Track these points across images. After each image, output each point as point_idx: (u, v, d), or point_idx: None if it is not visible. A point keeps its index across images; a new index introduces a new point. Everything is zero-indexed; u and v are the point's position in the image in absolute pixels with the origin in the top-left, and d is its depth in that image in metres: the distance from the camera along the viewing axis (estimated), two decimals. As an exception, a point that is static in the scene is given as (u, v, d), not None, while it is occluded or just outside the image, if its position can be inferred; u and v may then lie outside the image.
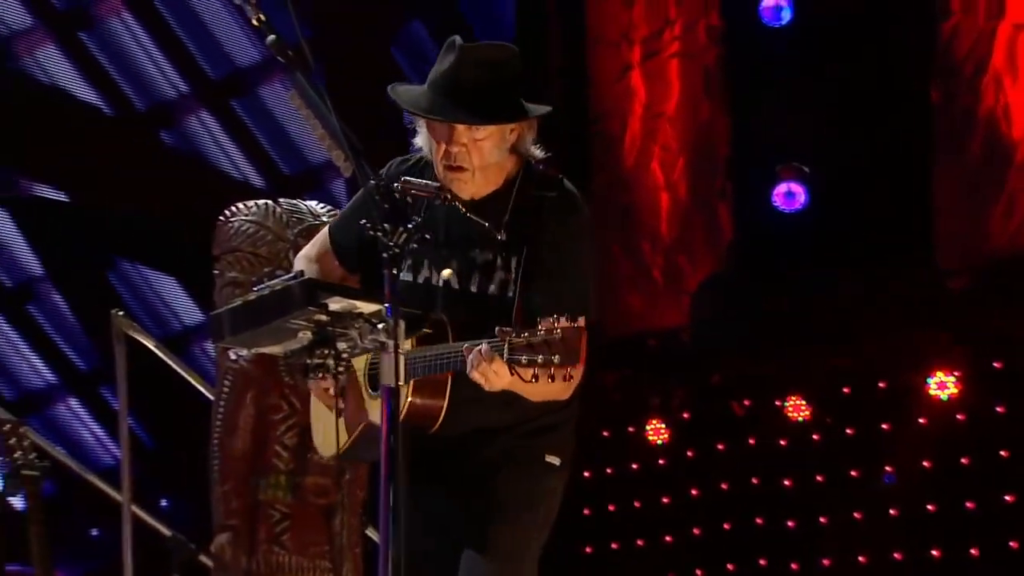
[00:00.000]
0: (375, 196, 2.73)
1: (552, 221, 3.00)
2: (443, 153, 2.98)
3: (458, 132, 2.97)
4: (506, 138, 3.00)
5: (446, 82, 2.97)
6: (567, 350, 2.71)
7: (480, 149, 2.98)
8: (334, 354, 2.80)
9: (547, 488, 3.10)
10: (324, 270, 3.15)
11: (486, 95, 2.96)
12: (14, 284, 6.98)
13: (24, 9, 6.45)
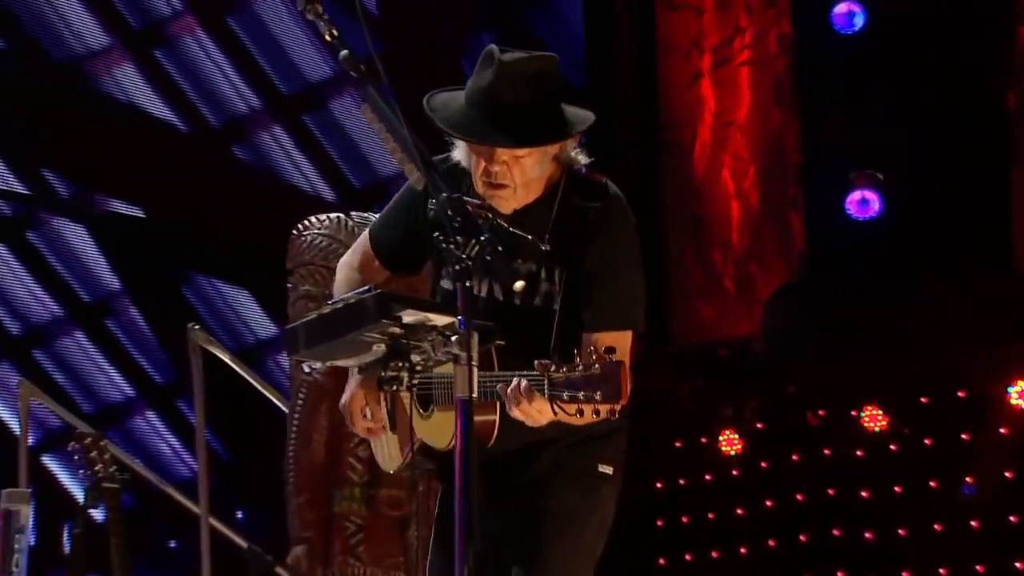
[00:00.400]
0: (447, 210, 2.73)
1: (598, 230, 2.94)
2: (483, 171, 2.93)
3: (498, 151, 2.91)
4: (547, 152, 2.94)
5: (485, 100, 2.90)
6: (608, 386, 2.66)
7: (522, 166, 2.92)
8: (408, 367, 2.81)
9: (601, 498, 3.06)
10: (368, 277, 3.11)
11: (528, 114, 2.89)
12: (92, 299, 7.07)
13: (102, 29, 6.56)
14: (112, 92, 6.67)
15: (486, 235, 2.69)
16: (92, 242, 6.88)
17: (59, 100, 6.48)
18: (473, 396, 2.66)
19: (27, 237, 6.71)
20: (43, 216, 6.71)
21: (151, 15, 6.72)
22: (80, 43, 6.53)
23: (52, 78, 6.49)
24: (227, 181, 7.07)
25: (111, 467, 3.90)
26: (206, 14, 6.83)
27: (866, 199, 6.61)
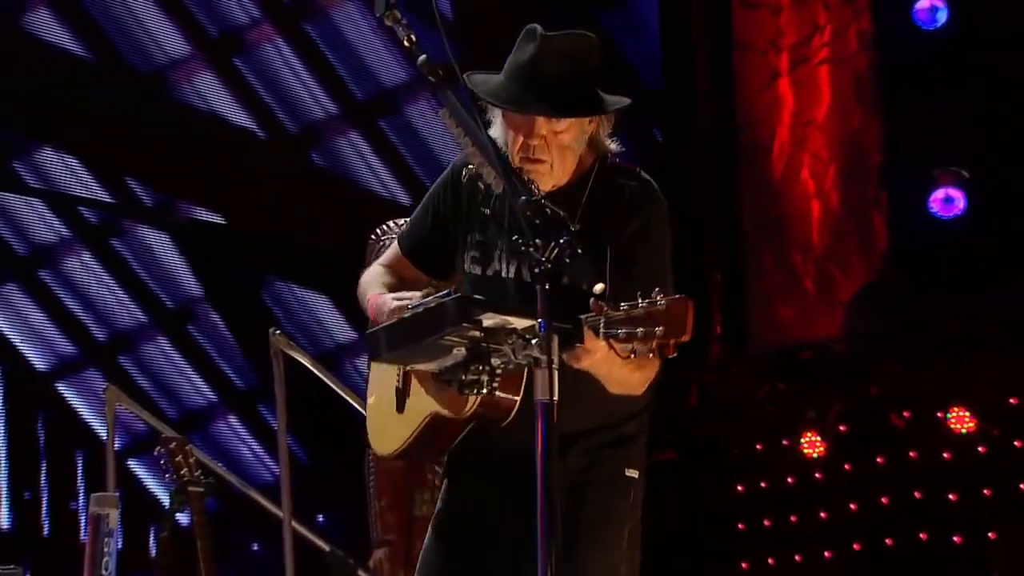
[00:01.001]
0: (526, 212, 2.73)
1: (634, 209, 2.97)
2: (520, 145, 2.94)
3: (538, 124, 2.92)
4: (585, 130, 2.96)
5: (526, 73, 2.93)
6: (672, 321, 2.61)
7: (559, 141, 2.94)
8: (488, 370, 2.81)
9: (632, 504, 3.03)
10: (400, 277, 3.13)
11: (568, 87, 2.91)
12: (175, 305, 7.16)
13: (182, 39, 6.65)
14: (192, 101, 6.75)
15: (565, 237, 2.69)
16: (174, 249, 6.97)
17: (142, 109, 6.57)
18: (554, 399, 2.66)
19: (112, 245, 6.81)
20: (127, 224, 6.81)
21: (230, 23, 6.79)
22: (161, 53, 6.62)
23: (135, 88, 6.59)
24: (305, 187, 7.12)
25: (196, 471, 3.94)
26: (283, 21, 6.89)
27: (950, 197, 6.51)
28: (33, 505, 6.25)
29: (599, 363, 2.74)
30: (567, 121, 2.93)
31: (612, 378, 2.85)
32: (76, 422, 6.56)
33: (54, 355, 6.64)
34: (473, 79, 2.99)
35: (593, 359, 2.73)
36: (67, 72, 6.34)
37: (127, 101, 6.54)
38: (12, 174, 6.37)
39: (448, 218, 3.10)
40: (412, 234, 3.19)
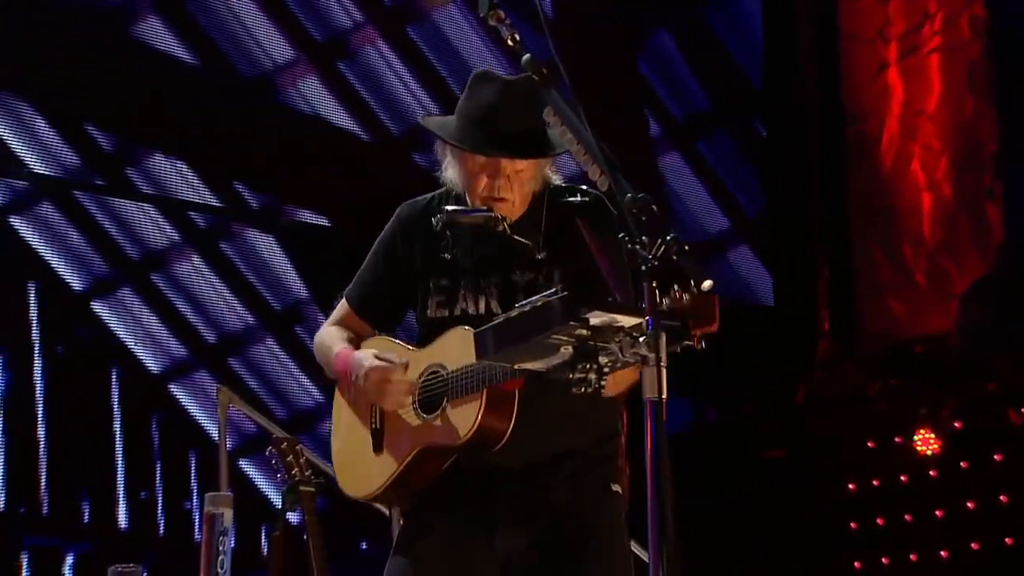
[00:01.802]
0: (632, 210, 2.71)
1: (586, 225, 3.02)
2: (485, 185, 3.06)
3: (502, 165, 3.05)
4: (541, 166, 3.10)
5: (489, 117, 3.06)
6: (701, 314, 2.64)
7: (521, 179, 3.07)
8: (596, 368, 2.79)
9: (623, 519, 3.06)
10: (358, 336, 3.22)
11: (529, 130, 3.05)
12: (282, 307, 7.25)
13: (288, 44, 6.74)
14: (297, 104, 6.83)
15: (672, 234, 2.67)
16: (281, 251, 7.05)
17: (249, 114, 6.67)
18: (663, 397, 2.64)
19: (220, 248, 6.92)
20: (235, 227, 6.91)
21: (334, 27, 6.86)
22: (267, 58, 6.71)
23: (242, 93, 6.68)
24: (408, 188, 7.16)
25: (306, 471, 3.98)
26: (387, 24, 6.94)
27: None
28: (149, 505, 6.38)
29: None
30: (528, 161, 3.06)
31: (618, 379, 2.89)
32: (188, 423, 6.67)
33: (167, 357, 6.76)
34: (430, 122, 3.20)
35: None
36: (177, 79, 6.46)
37: (235, 106, 6.64)
38: (125, 181, 6.50)
39: (402, 268, 3.19)
40: (361, 288, 3.28)
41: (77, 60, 6.15)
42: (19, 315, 6.21)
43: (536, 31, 2.88)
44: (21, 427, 6.07)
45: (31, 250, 6.34)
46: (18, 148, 6.23)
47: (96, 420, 6.33)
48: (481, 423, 2.96)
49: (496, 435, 2.98)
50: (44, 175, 6.28)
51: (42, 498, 6.09)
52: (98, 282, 6.63)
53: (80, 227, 6.53)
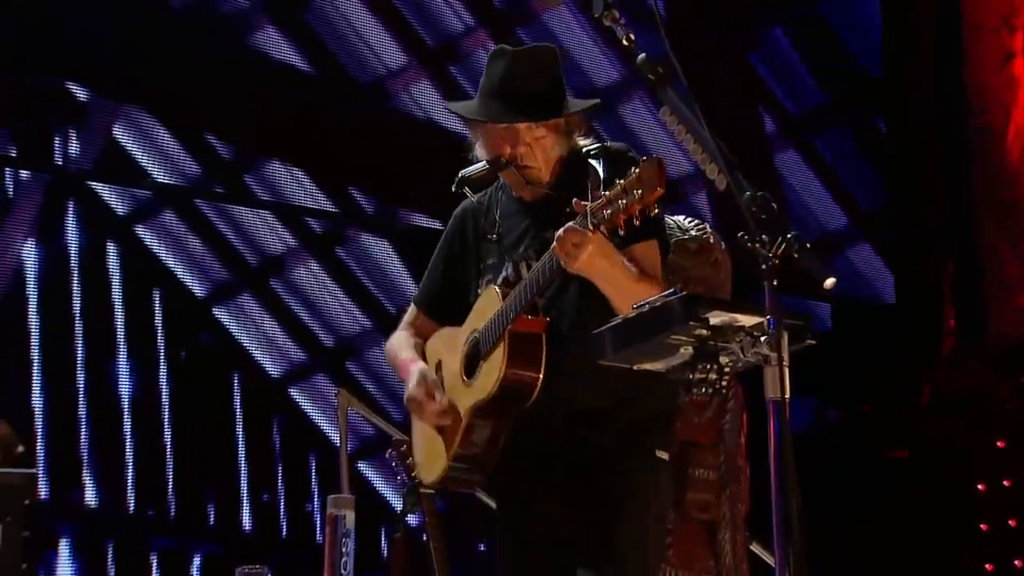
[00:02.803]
0: (752, 208, 2.69)
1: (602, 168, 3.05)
2: (509, 155, 3.15)
3: (521, 134, 3.15)
4: (562, 131, 3.18)
5: (503, 88, 3.17)
6: (645, 181, 2.78)
7: (543, 145, 3.16)
8: (716, 368, 2.78)
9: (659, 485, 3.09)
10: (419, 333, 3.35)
11: (541, 94, 3.14)
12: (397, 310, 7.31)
13: (400, 49, 6.80)
14: (410, 109, 6.89)
15: (792, 232, 2.65)
16: (396, 255, 7.11)
17: (363, 120, 6.74)
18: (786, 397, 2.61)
19: (336, 253, 7.00)
20: (351, 232, 6.99)
21: (445, 32, 6.91)
22: (380, 64, 6.78)
23: (356, 99, 6.76)
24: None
25: (426, 473, 4.00)
26: (497, 27, 6.97)
27: None
28: (271, 507, 6.48)
29: (595, 259, 2.89)
30: (546, 127, 3.15)
31: (614, 283, 2.97)
32: (308, 426, 6.76)
33: (286, 361, 6.85)
34: (452, 106, 3.33)
35: (587, 252, 2.88)
36: (292, 87, 6.56)
37: (348, 112, 6.72)
38: (243, 188, 6.62)
39: (460, 263, 3.30)
40: (427, 289, 3.40)
41: (196, 71, 6.28)
42: (145, 322, 6.35)
43: (650, 30, 2.87)
44: (148, 432, 6.21)
45: (155, 258, 6.48)
46: (142, 159, 6.38)
47: (219, 424, 6.45)
48: (507, 368, 3.01)
49: (527, 383, 3.03)
50: (166, 184, 6.43)
51: (169, 501, 6.22)
52: (219, 288, 6.75)
53: (201, 234, 6.66)
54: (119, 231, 6.39)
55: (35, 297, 6.08)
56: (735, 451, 3.84)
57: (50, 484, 5.96)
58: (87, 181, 6.31)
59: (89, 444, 6.10)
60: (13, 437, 3.69)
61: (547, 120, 3.15)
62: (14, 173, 6.16)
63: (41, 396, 6.00)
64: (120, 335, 6.28)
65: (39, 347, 6.05)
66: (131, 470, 6.15)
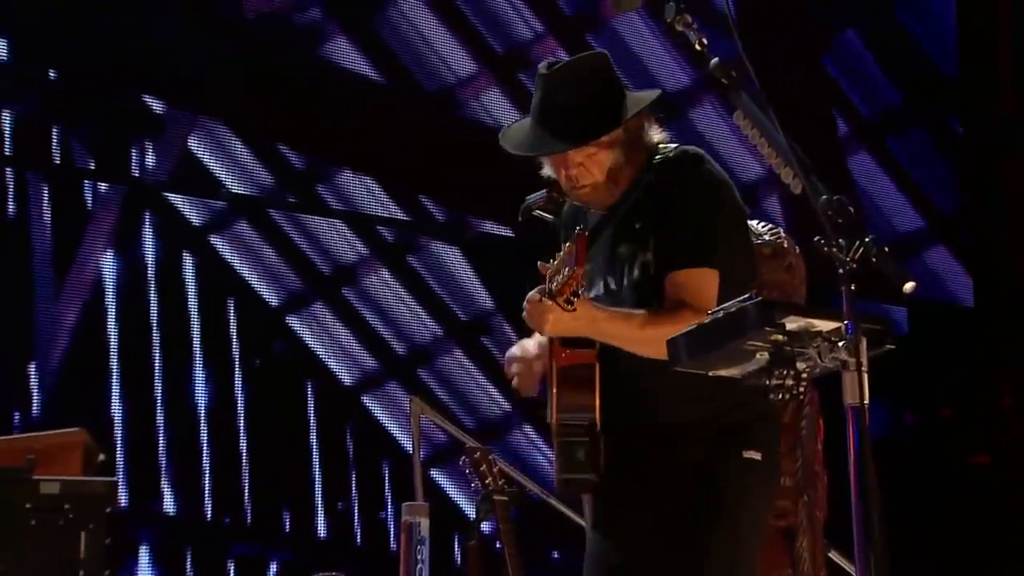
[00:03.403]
0: (828, 212, 2.66)
1: (664, 182, 2.99)
2: (564, 178, 3.07)
3: (569, 156, 3.03)
4: (619, 141, 3.03)
5: (539, 113, 3.07)
6: (566, 260, 2.74)
7: (597, 161, 3.03)
8: (793, 374, 2.75)
9: (747, 487, 2.99)
10: None
11: (576, 113, 3.01)
12: (469, 318, 7.33)
13: (469, 57, 6.82)
14: (480, 117, 6.90)
15: (870, 236, 2.62)
16: (467, 263, 7.13)
17: (433, 128, 6.77)
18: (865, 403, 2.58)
19: (408, 261, 7.03)
20: (422, 240, 7.02)
21: (514, 40, 6.92)
22: (450, 72, 6.80)
23: (426, 108, 6.79)
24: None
25: (500, 480, 4.01)
26: (567, 34, 6.97)
27: None
28: (345, 515, 6.51)
29: (565, 324, 2.85)
30: (595, 144, 3.01)
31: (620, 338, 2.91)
32: (380, 433, 6.79)
33: (358, 369, 6.89)
34: (505, 132, 3.20)
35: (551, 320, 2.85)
36: (363, 96, 6.60)
37: (419, 121, 6.75)
38: (316, 197, 6.67)
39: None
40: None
41: (269, 82, 6.34)
42: (220, 331, 6.42)
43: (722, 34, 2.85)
44: (224, 440, 6.27)
45: (229, 267, 6.55)
46: (216, 169, 6.46)
47: (293, 432, 6.50)
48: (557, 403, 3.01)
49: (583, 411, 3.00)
50: (240, 194, 6.49)
51: (246, 508, 6.28)
52: (292, 297, 6.81)
53: (274, 244, 6.72)
54: (194, 241, 6.47)
55: (113, 307, 6.17)
56: (812, 457, 3.81)
57: (129, 492, 6.04)
58: (163, 192, 6.39)
59: (167, 452, 6.17)
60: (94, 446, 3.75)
61: (583, 143, 3.03)
62: (93, 185, 6.26)
63: (120, 405, 6.08)
64: (196, 344, 6.35)
65: (117, 356, 6.14)
66: (208, 478, 6.22)
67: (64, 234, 6.13)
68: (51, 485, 3.40)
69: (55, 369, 6.03)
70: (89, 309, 6.11)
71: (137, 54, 6.11)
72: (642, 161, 3.08)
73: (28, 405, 5.97)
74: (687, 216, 3.00)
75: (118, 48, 6.07)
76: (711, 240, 2.99)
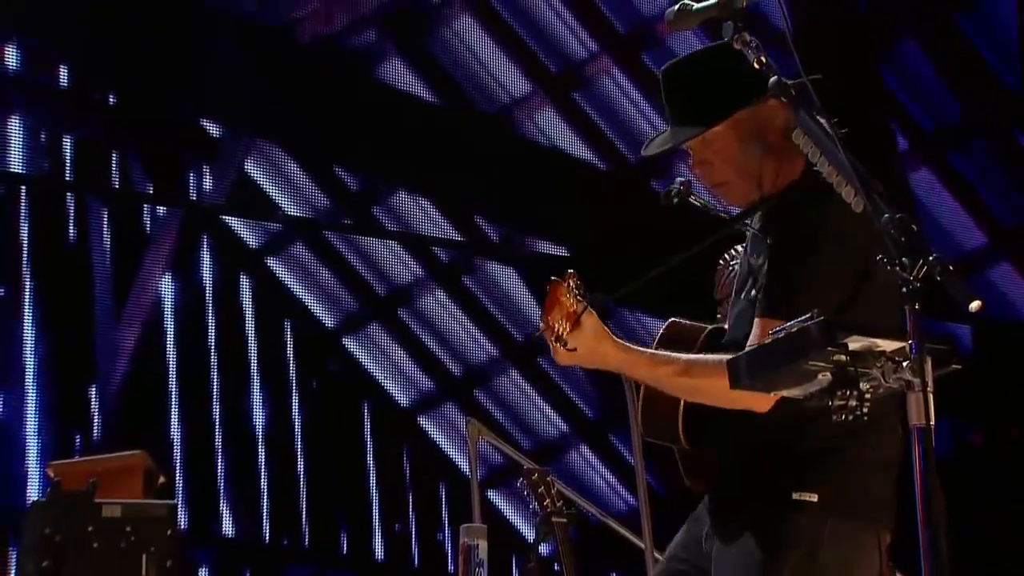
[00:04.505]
0: (891, 231, 2.61)
1: (778, 213, 2.86)
2: (699, 176, 2.94)
3: (694, 153, 2.89)
4: (742, 136, 2.86)
5: (668, 109, 2.93)
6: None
7: (724, 156, 2.87)
8: (857, 395, 2.70)
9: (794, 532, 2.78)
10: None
11: (684, 110, 2.86)
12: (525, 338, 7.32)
13: (524, 77, 6.82)
14: (535, 137, 6.90)
15: (934, 254, 2.57)
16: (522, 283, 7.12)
17: (488, 148, 6.78)
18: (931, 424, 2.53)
19: (463, 281, 7.03)
20: (477, 261, 7.02)
21: (569, 59, 6.92)
22: (504, 92, 6.81)
23: (481, 128, 6.80)
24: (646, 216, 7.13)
25: (558, 502, 3.99)
26: (622, 53, 6.95)
27: None
28: (403, 536, 6.51)
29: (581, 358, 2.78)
30: (719, 138, 2.85)
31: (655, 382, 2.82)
32: (437, 454, 6.78)
33: (415, 390, 6.90)
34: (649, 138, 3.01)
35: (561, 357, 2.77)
36: (418, 117, 6.62)
37: (474, 141, 6.76)
38: (371, 219, 6.70)
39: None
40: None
41: (325, 104, 6.38)
42: (276, 352, 6.44)
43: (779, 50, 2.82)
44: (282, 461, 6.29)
45: (286, 289, 6.58)
46: (272, 192, 6.50)
47: (350, 453, 6.51)
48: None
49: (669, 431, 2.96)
50: (296, 216, 6.53)
51: (303, 529, 6.29)
52: (348, 318, 6.83)
53: (330, 265, 6.75)
54: (251, 263, 6.50)
55: (172, 330, 6.21)
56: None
57: (188, 514, 6.07)
58: (220, 215, 6.44)
59: (225, 474, 6.20)
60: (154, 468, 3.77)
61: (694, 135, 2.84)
62: (151, 209, 6.32)
63: (179, 427, 6.11)
64: (253, 366, 6.38)
65: (176, 378, 6.17)
66: (265, 499, 6.23)
67: (123, 258, 6.18)
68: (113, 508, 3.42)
69: (115, 392, 6.08)
70: (148, 332, 6.16)
71: (194, 78, 6.16)
72: (799, 168, 2.88)
73: (89, 428, 6.01)
74: (777, 262, 2.84)
75: (175, 72, 6.12)
76: (789, 289, 2.84)
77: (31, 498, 5.27)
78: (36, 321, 5.88)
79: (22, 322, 5.86)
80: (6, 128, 5.83)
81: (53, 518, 3.40)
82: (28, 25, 5.91)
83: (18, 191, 5.97)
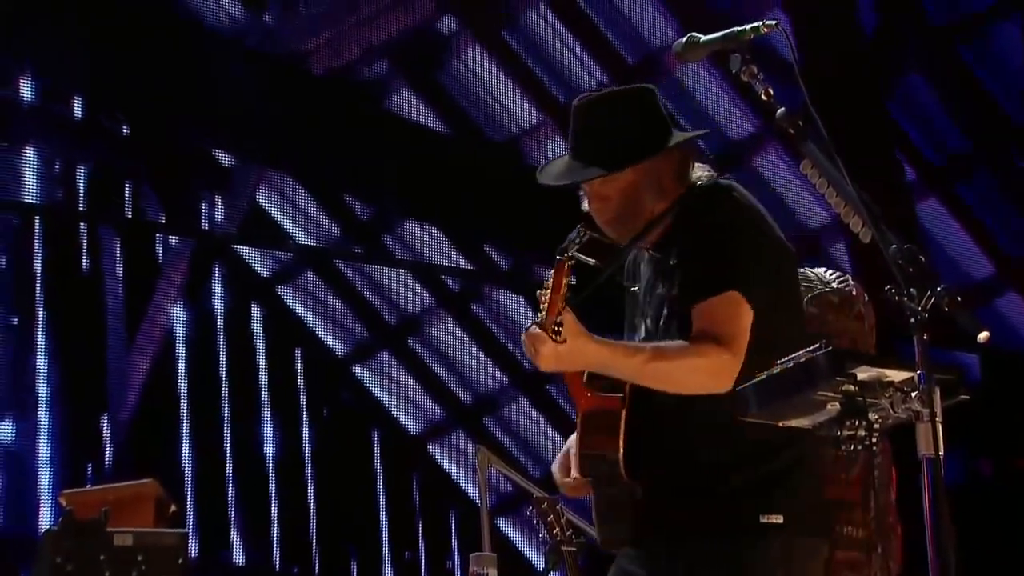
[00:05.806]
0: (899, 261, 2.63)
1: (689, 213, 2.85)
2: (592, 210, 2.94)
3: (594, 189, 2.90)
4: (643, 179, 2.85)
5: (571, 144, 2.93)
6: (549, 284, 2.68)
7: (622, 196, 2.88)
8: (865, 425, 2.71)
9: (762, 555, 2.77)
10: None
11: (597, 146, 2.87)
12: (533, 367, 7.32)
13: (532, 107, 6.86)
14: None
15: (942, 285, 2.58)
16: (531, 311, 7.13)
17: (497, 178, 6.81)
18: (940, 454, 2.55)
19: (473, 310, 7.06)
20: (486, 289, 7.04)
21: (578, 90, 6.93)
22: (513, 122, 6.85)
23: (490, 158, 6.84)
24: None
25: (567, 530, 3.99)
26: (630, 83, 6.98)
27: None
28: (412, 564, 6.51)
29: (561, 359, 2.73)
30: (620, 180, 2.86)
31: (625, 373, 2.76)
32: (446, 482, 6.80)
33: (424, 418, 6.91)
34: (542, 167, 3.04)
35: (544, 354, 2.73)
36: (428, 148, 6.67)
37: (483, 171, 6.80)
38: (381, 247, 6.73)
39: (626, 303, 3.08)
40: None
41: (336, 134, 6.42)
42: (287, 381, 6.47)
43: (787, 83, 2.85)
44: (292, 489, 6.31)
45: (296, 317, 6.62)
46: (283, 221, 6.54)
47: (360, 481, 6.52)
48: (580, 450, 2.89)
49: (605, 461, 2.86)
50: (307, 245, 6.56)
51: (314, 557, 6.30)
52: (358, 347, 6.85)
53: (340, 294, 6.78)
54: (262, 292, 6.54)
55: (183, 359, 6.24)
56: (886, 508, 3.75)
57: (199, 542, 6.08)
58: (231, 244, 6.48)
59: (236, 502, 6.21)
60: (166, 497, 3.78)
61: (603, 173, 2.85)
62: (163, 238, 6.36)
63: (190, 455, 6.13)
64: (264, 394, 6.41)
65: (187, 407, 6.20)
66: (276, 527, 6.25)
67: (135, 287, 6.22)
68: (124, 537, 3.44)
69: (127, 420, 6.10)
70: (160, 361, 6.19)
71: (206, 109, 6.21)
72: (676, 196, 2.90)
73: (100, 456, 6.04)
74: (707, 244, 2.82)
75: (187, 103, 6.17)
76: (732, 264, 2.80)
77: (43, 527, 5.28)
78: (49, 350, 5.92)
79: (35, 351, 5.89)
80: (20, 159, 5.88)
81: (65, 547, 3.42)
82: (43, 57, 5.96)
83: (32, 221, 6.01)
